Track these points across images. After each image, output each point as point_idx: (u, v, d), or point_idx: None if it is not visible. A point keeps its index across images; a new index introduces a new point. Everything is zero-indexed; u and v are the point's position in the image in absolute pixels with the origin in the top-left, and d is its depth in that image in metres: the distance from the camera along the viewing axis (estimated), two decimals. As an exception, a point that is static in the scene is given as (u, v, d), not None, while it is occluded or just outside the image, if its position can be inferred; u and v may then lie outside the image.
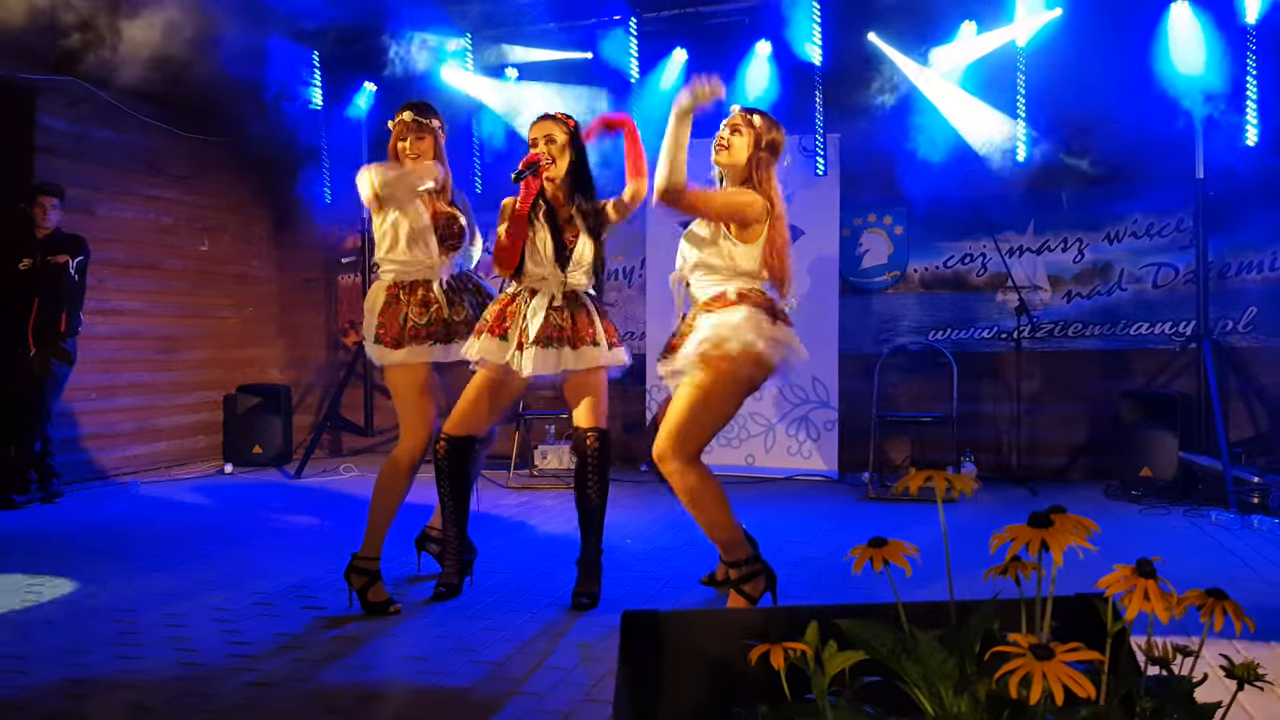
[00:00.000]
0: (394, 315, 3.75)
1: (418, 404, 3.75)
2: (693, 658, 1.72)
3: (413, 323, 3.75)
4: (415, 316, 3.75)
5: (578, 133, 3.83)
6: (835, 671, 1.35)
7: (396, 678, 2.97)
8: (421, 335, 3.75)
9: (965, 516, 5.36)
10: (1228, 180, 6.17)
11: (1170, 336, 6.55)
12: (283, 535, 5.13)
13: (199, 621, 3.56)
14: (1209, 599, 1.27)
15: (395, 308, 3.76)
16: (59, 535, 5.17)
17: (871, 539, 1.40)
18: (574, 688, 2.85)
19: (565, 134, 3.78)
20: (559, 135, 3.77)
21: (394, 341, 3.74)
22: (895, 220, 7.12)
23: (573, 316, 3.72)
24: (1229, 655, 1.34)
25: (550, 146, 3.75)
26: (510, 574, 4.23)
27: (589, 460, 3.71)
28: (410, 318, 3.75)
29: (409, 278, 3.80)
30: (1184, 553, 4.49)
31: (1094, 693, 1.09)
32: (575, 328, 3.70)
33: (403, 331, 3.73)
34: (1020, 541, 1.27)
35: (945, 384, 6.63)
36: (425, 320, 3.76)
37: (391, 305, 3.77)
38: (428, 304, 3.78)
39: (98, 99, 6.79)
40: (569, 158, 3.79)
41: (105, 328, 6.98)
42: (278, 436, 7.83)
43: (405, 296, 3.78)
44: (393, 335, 3.74)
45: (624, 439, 7.65)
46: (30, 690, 2.85)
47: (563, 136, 3.77)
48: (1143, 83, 6.01)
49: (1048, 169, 6.58)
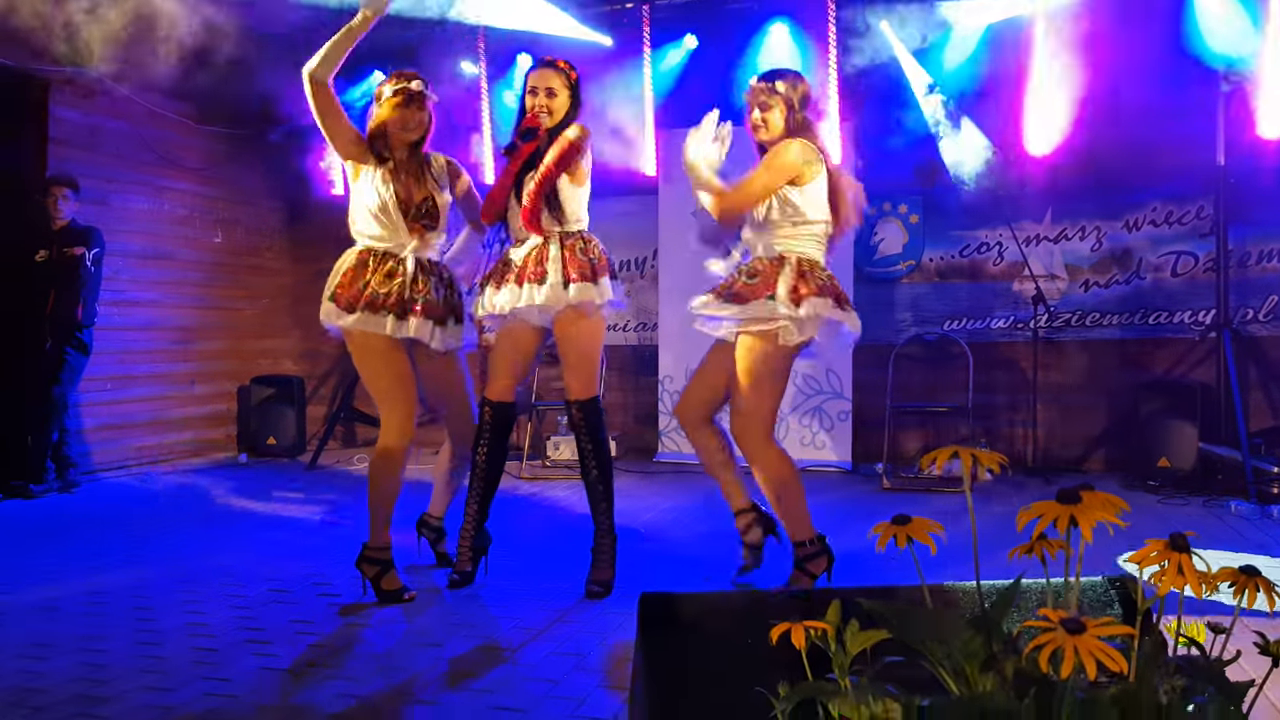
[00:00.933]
0: (356, 278, 3.65)
1: (387, 377, 3.65)
2: (711, 639, 1.70)
3: (372, 290, 3.63)
4: (376, 284, 3.64)
5: (579, 85, 3.75)
6: (858, 650, 1.33)
7: (410, 662, 2.96)
8: (378, 304, 3.62)
9: (980, 507, 5.33)
10: (1249, 167, 6.11)
11: (1189, 326, 6.49)
12: (297, 525, 5.13)
13: (216, 608, 3.56)
14: (1242, 576, 1.25)
15: (360, 272, 3.66)
16: (76, 524, 5.18)
17: (895, 516, 1.37)
18: (589, 674, 2.84)
19: (566, 87, 3.70)
20: (561, 88, 3.68)
21: (348, 305, 3.62)
22: (911, 209, 7.08)
23: (564, 257, 3.65)
24: (1264, 633, 1.31)
25: (551, 100, 3.66)
26: (523, 561, 4.22)
27: (581, 433, 3.71)
28: (371, 284, 3.64)
29: (381, 247, 3.71)
30: (1204, 543, 4.45)
31: (1126, 667, 1.06)
32: (567, 266, 3.63)
33: (359, 296, 3.62)
34: (1048, 518, 1.25)
35: (961, 374, 6.59)
36: (385, 290, 3.64)
37: (358, 269, 3.67)
38: (393, 275, 3.67)
39: (111, 91, 6.80)
40: (567, 110, 3.70)
41: (120, 319, 7.00)
42: (292, 427, 7.84)
43: (374, 264, 3.68)
44: (348, 298, 3.63)
45: (637, 430, 7.65)
46: (51, 676, 2.85)
47: (564, 90, 3.69)
48: (1163, 66, 5.96)
49: (1065, 156, 6.52)
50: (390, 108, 3.70)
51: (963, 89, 6.57)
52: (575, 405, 3.73)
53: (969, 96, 6.61)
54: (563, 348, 3.73)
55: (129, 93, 6.94)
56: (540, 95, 3.65)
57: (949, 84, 6.55)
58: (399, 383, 3.67)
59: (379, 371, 3.66)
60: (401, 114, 3.70)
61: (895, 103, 6.65)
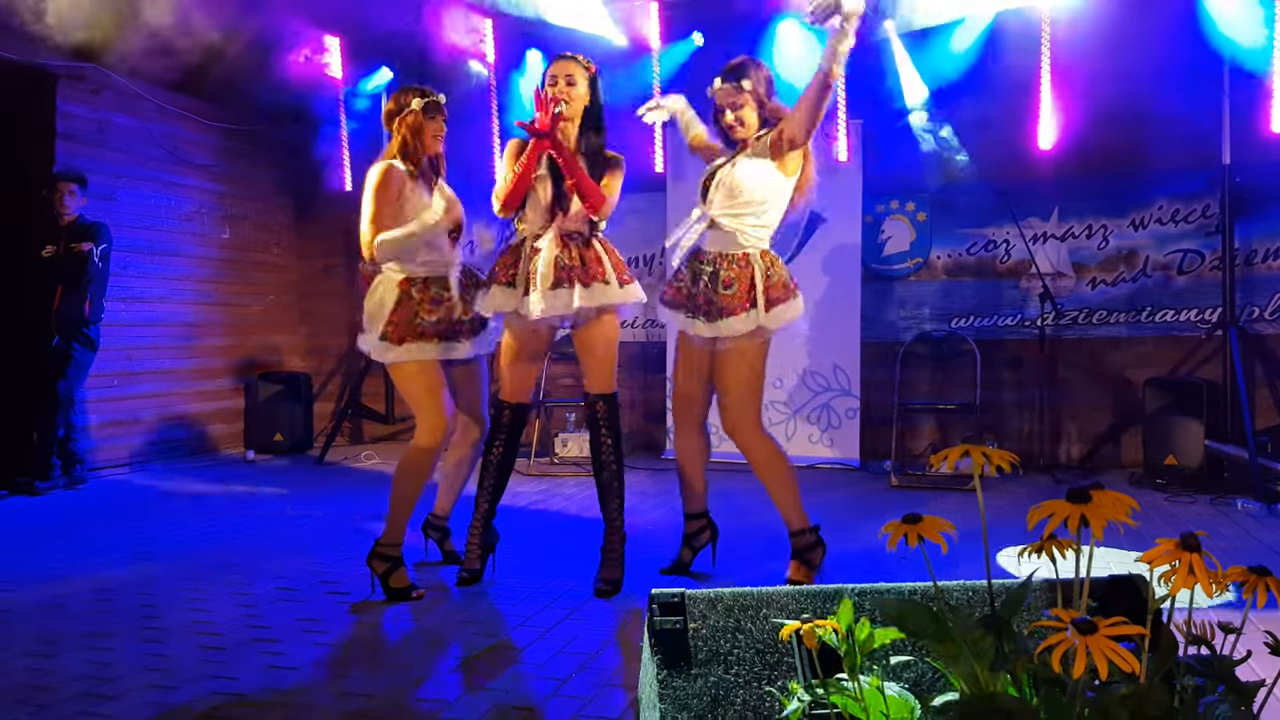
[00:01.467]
0: (406, 313, 3.66)
1: (431, 398, 3.68)
2: (720, 638, 1.70)
3: (422, 319, 3.66)
4: (426, 314, 3.67)
5: (598, 78, 3.74)
6: (869, 649, 1.32)
7: (418, 660, 2.96)
8: (429, 334, 3.67)
9: (988, 505, 5.33)
10: (1255, 165, 6.09)
11: (1196, 324, 6.47)
12: (305, 522, 5.14)
13: (221, 605, 3.57)
14: (1252, 575, 1.25)
15: (407, 304, 3.67)
16: (82, 521, 5.19)
17: (906, 515, 1.37)
18: (597, 673, 2.84)
19: (586, 78, 3.69)
20: (580, 78, 3.68)
21: (399, 339, 3.65)
22: (918, 206, 7.07)
23: (581, 256, 3.63)
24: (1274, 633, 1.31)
25: (570, 89, 3.65)
26: (532, 560, 4.22)
27: (600, 426, 3.71)
28: (421, 314, 3.67)
29: (421, 274, 3.73)
30: (1213, 541, 4.43)
31: (1138, 667, 1.06)
32: (585, 265, 3.62)
33: (410, 328, 3.65)
34: (1059, 517, 1.25)
35: (968, 372, 6.58)
36: (435, 318, 3.68)
37: (404, 302, 3.68)
38: (440, 301, 3.71)
39: (119, 85, 6.81)
40: (585, 102, 3.70)
41: (127, 315, 7.02)
42: (299, 424, 7.85)
43: (418, 294, 3.69)
44: (400, 335, 3.65)
45: (645, 428, 7.65)
46: (57, 674, 2.86)
47: (583, 81, 3.68)
48: (1170, 65, 5.95)
49: (1072, 154, 6.50)
50: (423, 118, 3.73)
51: (969, 85, 6.56)
52: (601, 399, 3.72)
53: (975, 93, 6.59)
54: (588, 345, 3.72)
55: (138, 88, 6.94)
56: (560, 83, 3.65)
57: (955, 80, 6.53)
58: (436, 390, 3.70)
59: (419, 385, 3.69)
60: (432, 123, 3.75)
61: (903, 100, 6.64)
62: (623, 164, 3.75)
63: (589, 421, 3.76)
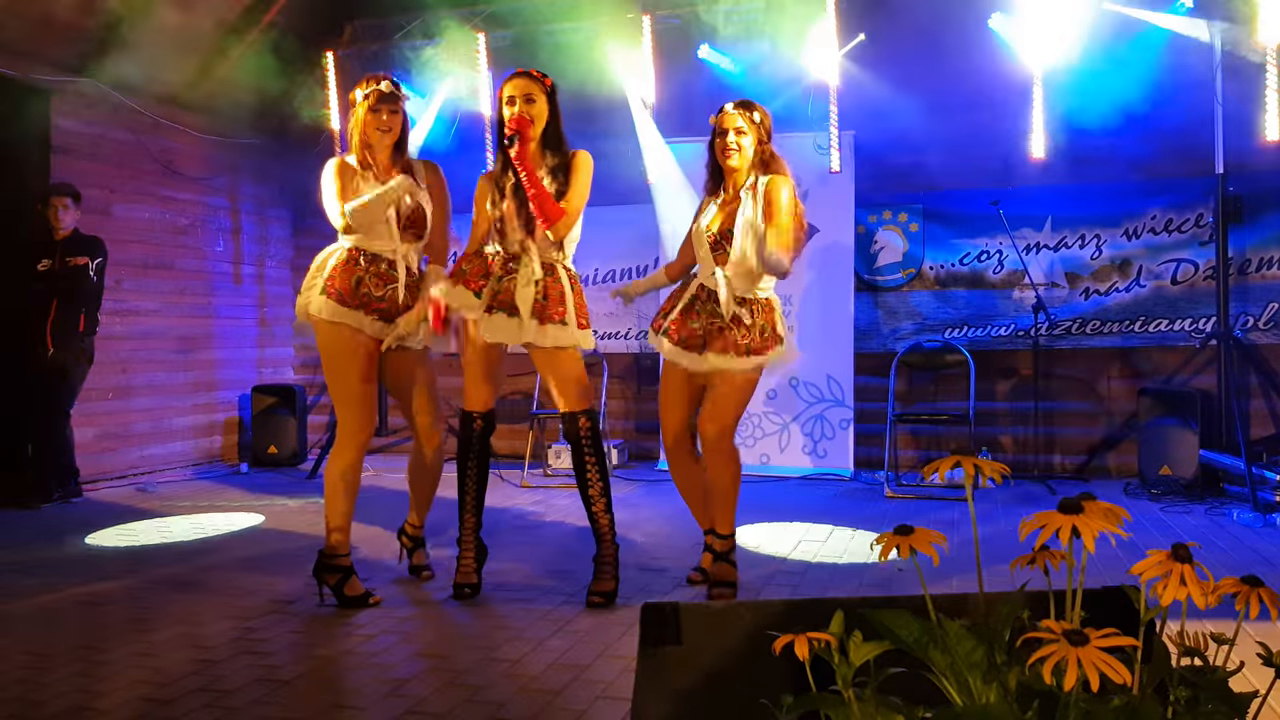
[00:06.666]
0: (348, 274, 3.62)
1: (356, 380, 3.62)
2: (714, 650, 1.69)
3: (367, 290, 3.62)
4: (372, 286, 3.63)
5: (554, 91, 3.73)
6: (861, 662, 1.32)
7: (412, 674, 2.95)
8: (371, 305, 3.62)
9: (982, 514, 5.33)
10: (1248, 175, 6.12)
11: (1190, 333, 6.48)
12: (298, 536, 5.12)
13: (214, 618, 3.55)
14: (1244, 586, 1.24)
15: (352, 269, 3.63)
16: (77, 534, 5.16)
17: (897, 527, 1.37)
18: (590, 685, 2.83)
19: (543, 94, 3.67)
20: (538, 95, 3.65)
21: (339, 297, 3.60)
22: (911, 217, 7.08)
23: (546, 291, 3.61)
24: (1266, 644, 1.31)
25: (529, 107, 3.63)
26: (525, 572, 4.21)
27: (584, 443, 3.68)
28: (365, 283, 3.63)
29: (371, 249, 3.68)
30: (1207, 551, 4.44)
31: (1130, 679, 1.06)
32: (546, 303, 3.60)
33: (354, 294, 3.60)
34: (1051, 528, 1.25)
35: (962, 382, 6.58)
36: (380, 294, 3.64)
37: (349, 266, 3.63)
38: (388, 281, 3.67)
39: (114, 100, 6.81)
40: (545, 118, 3.67)
41: (121, 328, 7.00)
42: (292, 436, 7.83)
43: (365, 264, 3.65)
44: (339, 291, 3.60)
45: (638, 439, 7.64)
46: (49, 686, 2.85)
47: (541, 97, 3.66)
48: (1161, 74, 5.98)
49: (1065, 164, 6.52)
50: (365, 111, 3.71)
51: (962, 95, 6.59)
52: (582, 414, 3.69)
53: (969, 101, 6.62)
54: (554, 371, 3.70)
55: (132, 102, 6.94)
56: (519, 104, 3.63)
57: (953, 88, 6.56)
58: (367, 387, 3.67)
59: (347, 372, 3.64)
60: (374, 117, 3.71)
61: (895, 111, 6.65)
62: (587, 159, 3.72)
63: (569, 437, 3.71)
